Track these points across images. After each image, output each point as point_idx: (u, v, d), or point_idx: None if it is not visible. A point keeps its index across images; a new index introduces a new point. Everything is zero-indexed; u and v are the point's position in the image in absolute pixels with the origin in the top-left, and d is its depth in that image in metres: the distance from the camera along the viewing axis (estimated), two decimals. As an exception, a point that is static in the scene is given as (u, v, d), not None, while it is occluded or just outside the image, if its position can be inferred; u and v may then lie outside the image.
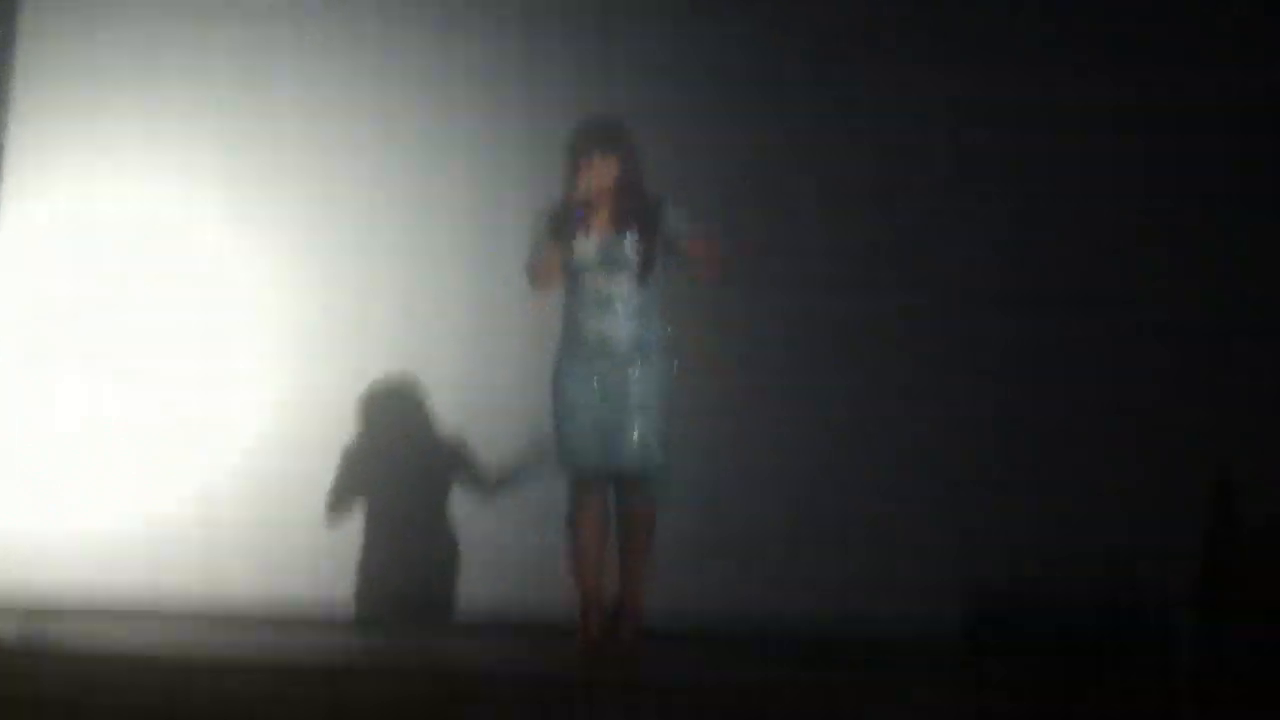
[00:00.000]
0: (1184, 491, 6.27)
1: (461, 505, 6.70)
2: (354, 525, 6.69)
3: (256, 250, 7.03)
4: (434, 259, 6.90)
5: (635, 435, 5.58)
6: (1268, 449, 6.22)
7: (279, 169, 7.05)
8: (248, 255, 7.03)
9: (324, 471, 6.69)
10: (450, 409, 6.74)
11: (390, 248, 6.94)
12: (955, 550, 6.39)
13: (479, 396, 6.71)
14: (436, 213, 6.93)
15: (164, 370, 6.99)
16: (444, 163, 6.95)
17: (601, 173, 5.65)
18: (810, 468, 6.53)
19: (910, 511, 6.46)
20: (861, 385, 6.55)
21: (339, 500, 6.67)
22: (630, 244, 5.64)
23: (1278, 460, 6.21)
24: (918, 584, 6.38)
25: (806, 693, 5.14)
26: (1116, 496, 6.33)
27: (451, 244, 6.90)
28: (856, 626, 6.32)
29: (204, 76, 7.12)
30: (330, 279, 6.97)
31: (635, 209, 5.66)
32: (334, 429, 6.75)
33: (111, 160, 7.14)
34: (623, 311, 5.64)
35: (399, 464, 6.71)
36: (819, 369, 6.59)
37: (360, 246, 6.96)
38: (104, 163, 7.15)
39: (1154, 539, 6.24)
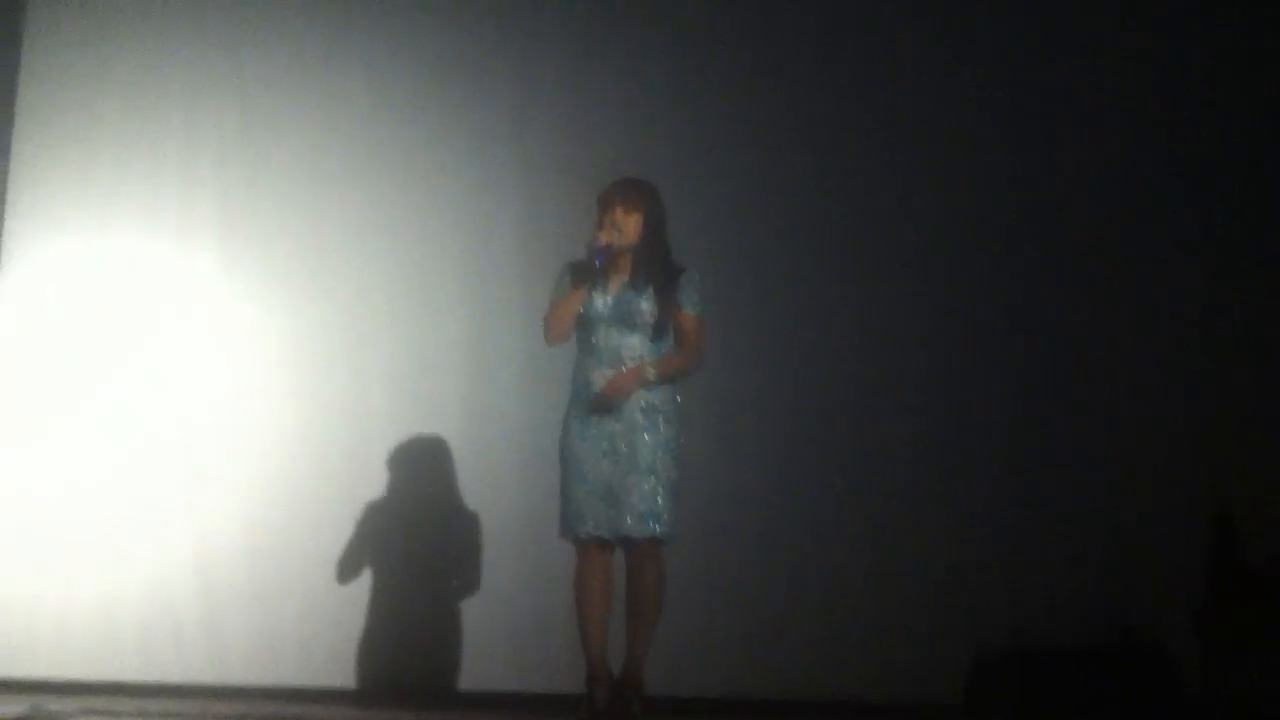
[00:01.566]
0: (1175, 553, 6.32)
1: (465, 577, 6.67)
2: (354, 597, 6.63)
3: (257, 312, 7.00)
4: (435, 318, 6.90)
5: (643, 501, 5.50)
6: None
7: (277, 224, 7.04)
8: (247, 317, 6.99)
9: (324, 545, 6.64)
10: (457, 470, 6.70)
11: (392, 307, 6.93)
12: (957, 619, 6.40)
13: (484, 455, 6.69)
14: (437, 268, 6.93)
15: (161, 436, 6.94)
16: (445, 217, 6.96)
17: (623, 227, 5.58)
18: (814, 539, 6.53)
19: (906, 582, 6.47)
20: (862, 460, 6.59)
21: (350, 565, 6.62)
22: (645, 302, 5.59)
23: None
24: (919, 652, 6.37)
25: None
26: (1112, 561, 6.37)
27: (452, 301, 6.90)
28: (858, 692, 6.32)
29: (202, 135, 7.13)
30: (331, 341, 6.94)
31: (653, 268, 5.61)
32: (334, 500, 6.70)
33: (107, 219, 7.11)
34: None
35: (407, 532, 6.67)
36: (822, 443, 6.61)
37: (360, 310, 6.94)
38: (98, 222, 7.12)
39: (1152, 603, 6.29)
